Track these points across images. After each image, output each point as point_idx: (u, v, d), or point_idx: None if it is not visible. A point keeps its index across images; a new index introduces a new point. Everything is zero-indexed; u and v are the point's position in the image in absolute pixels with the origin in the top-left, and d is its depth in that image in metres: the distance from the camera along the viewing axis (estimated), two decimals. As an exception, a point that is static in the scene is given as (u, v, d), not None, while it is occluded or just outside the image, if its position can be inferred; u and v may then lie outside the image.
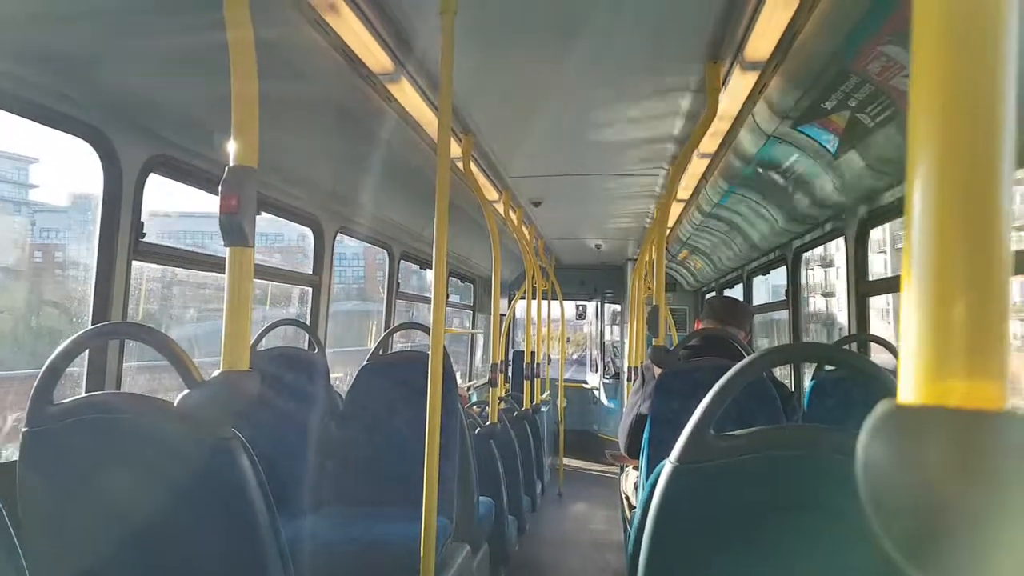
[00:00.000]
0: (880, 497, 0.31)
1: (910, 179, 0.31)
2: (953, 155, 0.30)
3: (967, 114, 0.29)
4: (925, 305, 0.29)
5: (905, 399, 0.30)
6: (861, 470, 0.32)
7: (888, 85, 1.73)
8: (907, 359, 0.30)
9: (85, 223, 2.03)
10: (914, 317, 0.30)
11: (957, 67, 0.30)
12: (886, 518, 0.31)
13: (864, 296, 2.70)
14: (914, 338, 0.30)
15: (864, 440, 0.32)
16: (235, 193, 1.03)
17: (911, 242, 0.30)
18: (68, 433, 1.11)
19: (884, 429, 0.31)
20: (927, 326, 0.29)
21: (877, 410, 0.32)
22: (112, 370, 1.94)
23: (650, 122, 2.89)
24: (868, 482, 0.32)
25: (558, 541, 4.46)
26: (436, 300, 1.75)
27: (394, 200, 3.42)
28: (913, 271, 0.30)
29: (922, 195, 0.30)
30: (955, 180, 0.29)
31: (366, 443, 2.49)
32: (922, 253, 0.30)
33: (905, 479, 0.29)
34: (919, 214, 0.30)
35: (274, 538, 1.09)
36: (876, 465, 0.31)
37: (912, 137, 0.31)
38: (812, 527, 0.91)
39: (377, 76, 2.35)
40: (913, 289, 0.30)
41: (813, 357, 1.00)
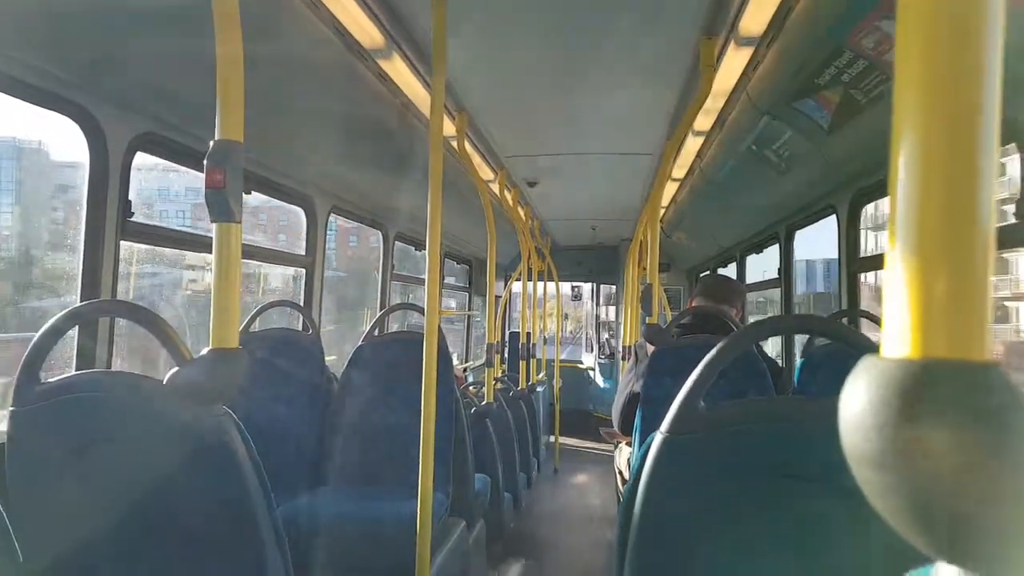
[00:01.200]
0: (861, 448, 0.31)
1: (896, 138, 0.31)
2: (938, 121, 0.30)
3: (951, 85, 0.29)
4: (909, 264, 0.30)
5: (888, 354, 0.30)
6: (842, 423, 0.32)
7: (882, 60, 1.72)
8: (890, 316, 0.30)
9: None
10: (898, 275, 0.30)
11: (941, 41, 0.30)
12: (865, 468, 0.31)
13: (855, 273, 2.71)
14: (897, 295, 0.30)
15: (846, 394, 0.32)
16: (221, 167, 1.02)
17: (896, 202, 0.30)
18: (56, 412, 1.10)
19: (865, 381, 0.31)
20: (911, 283, 0.29)
21: (860, 365, 0.32)
22: (102, 349, 1.94)
23: (645, 100, 2.87)
24: (849, 434, 0.32)
25: (554, 517, 4.51)
26: (430, 280, 1.75)
27: (388, 180, 3.40)
28: (898, 231, 0.30)
29: (907, 153, 0.30)
30: (939, 140, 0.30)
31: (362, 422, 2.50)
32: (907, 213, 0.30)
33: (886, 430, 0.30)
34: (903, 174, 0.30)
35: (268, 514, 1.09)
36: (858, 417, 0.31)
37: (898, 104, 0.31)
38: (801, 496, 0.92)
39: (369, 52, 2.32)
40: (898, 249, 0.30)
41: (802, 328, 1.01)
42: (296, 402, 2.59)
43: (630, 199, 5.08)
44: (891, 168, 0.31)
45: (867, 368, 0.31)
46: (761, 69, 2.25)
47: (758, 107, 2.40)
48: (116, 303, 1.17)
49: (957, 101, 0.29)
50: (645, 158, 3.84)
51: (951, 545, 0.30)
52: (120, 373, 1.12)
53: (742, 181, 3.36)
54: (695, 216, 4.71)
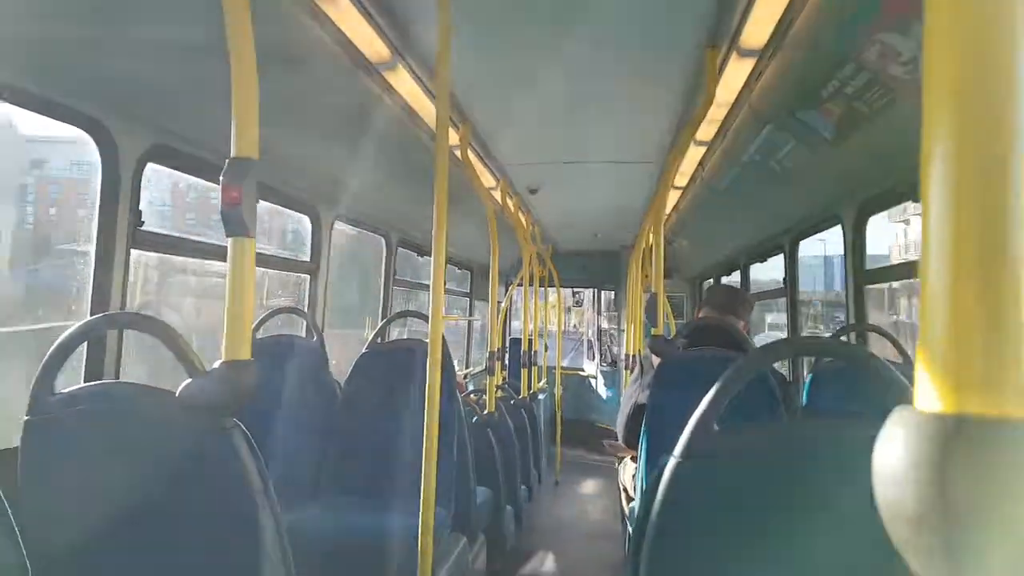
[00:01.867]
0: (896, 505, 0.30)
1: (924, 188, 0.30)
2: (969, 164, 0.29)
3: (983, 102, 0.29)
4: (944, 311, 0.29)
5: (923, 407, 0.30)
6: (877, 477, 0.32)
7: (885, 72, 1.73)
8: (925, 366, 0.30)
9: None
10: (933, 323, 0.29)
11: (972, 47, 0.29)
12: (901, 526, 0.30)
13: (862, 285, 2.71)
14: (932, 344, 0.29)
15: (881, 446, 0.32)
16: (236, 184, 1.04)
17: (928, 248, 0.30)
18: (69, 422, 1.11)
19: (901, 436, 0.31)
20: (946, 333, 0.29)
21: (894, 416, 0.31)
22: (111, 359, 1.94)
23: (647, 109, 2.88)
24: (884, 489, 0.31)
25: (555, 531, 4.47)
26: (435, 288, 1.75)
27: (391, 188, 3.42)
28: (931, 278, 0.30)
29: (938, 197, 0.30)
30: (970, 188, 0.29)
31: (364, 431, 2.50)
32: (940, 260, 0.29)
33: (923, 488, 0.29)
34: (935, 220, 0.30)
35: (275, 528, 1.10)
36: (892, 472, 0.31)
37: (926, 137, 0.30)
38: (817, 522, 0.91)
39: (374, 65, 2.34)
40: (931, 295, 0.30)
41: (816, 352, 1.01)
42: (300, 410, 2.59)
43: (632, 206, 5.08)
44: (923, 200, 0.30)
45: (902, 422, 0.31)
46: (764, 80, 2.26)
47: (761, 118, 2.41)
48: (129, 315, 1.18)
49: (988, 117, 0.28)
50: (647, 167, 3.85)
51: None
52: (134, 384, 1.12)
53: (745, 190, 3.37)
54: (698, 224, 4.72)
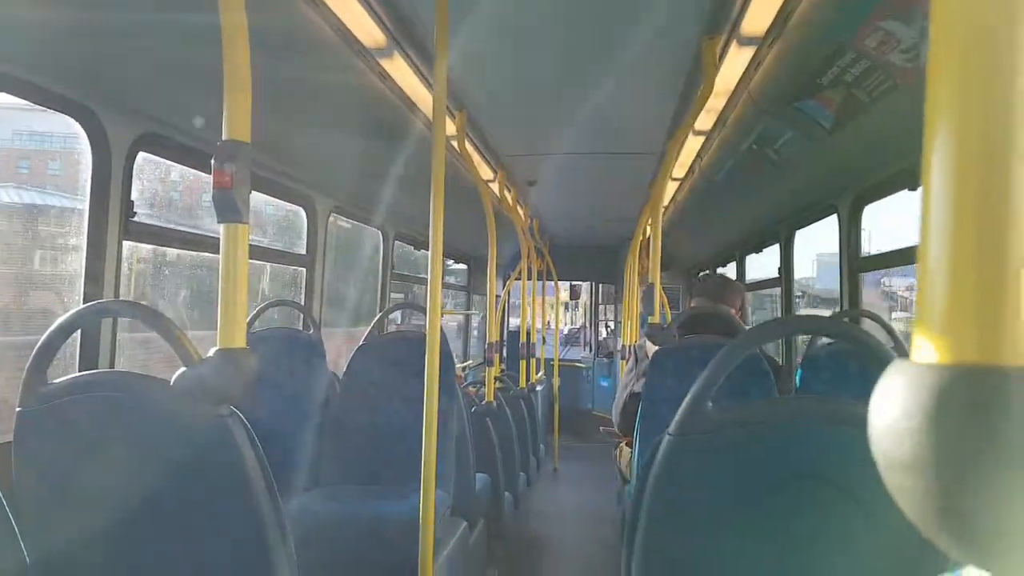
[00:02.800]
0: (892, 453, 0.31)
1: (929, 136, 0.30)
2: (973, 119, 0.29)
3: (988, 79, 0.29)
4: (942, 266, 0.29)
5: (919, 359, 0.30)
6: (873, 428, 0.32)
7: (885, 60, 1.72)
8: (921, 318, 0.30)
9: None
10: (931, 277, 0.30)
11: (977, 35, 0.29)
12: (897, 474, 0.31)
13: (857, 272, 2.71)
14: (929, 298, 0.30)
15: (877, 398, 0.32)
16: (228, 168, 1.02)
17: (929, 203, 0.30)
18: (63, 412, 1.10)
19: (897, 386, 0.31)
20: (944, 286, 0.29)
21: (890, 369, 0.32)
22: (105, 349, 1.93)
23: (646, 100, 2.87)
24: (880, 439, 0.31)
25: (553, 516, 4.51)
26: (432, 280, 1.75)
27: (388, 180, 3.40)
28: (931, 233, 0.30)
29: (941, 152, 0.30)
30: (974, 137, 0.29)
31: (364, 422, 2.50)
32: (940, 215, 0.29)
33: (919, 436, 0.29)
34: (936, 174, 0.30)
35: (275, 515, 1.09)
36: (888, 422, 0.31)
37: (930, 101, 0.30)
38: (810, 497, 0.92)
39: (370, 52, 2.31)
40: (930, 251, 0.30)
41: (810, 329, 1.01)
42: (298, 401, 2.59)
43: (630, 199, 5.08)
44: (924, 167, 0.30)
45: (899, 373, 0.31)
46: (763, 69, 2.25)
47: (760, 106, 2.40)
48: (123, 303, 1.17)
49: (993, 94, 0.28)
50: (646, 158, 3.84)
51: (984, 551, 0.30)
52: (127, 373, 1.11)
53: (743, 181, 3.36)
54: (695, 215, 4.72)
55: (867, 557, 0.90)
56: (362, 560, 2.01)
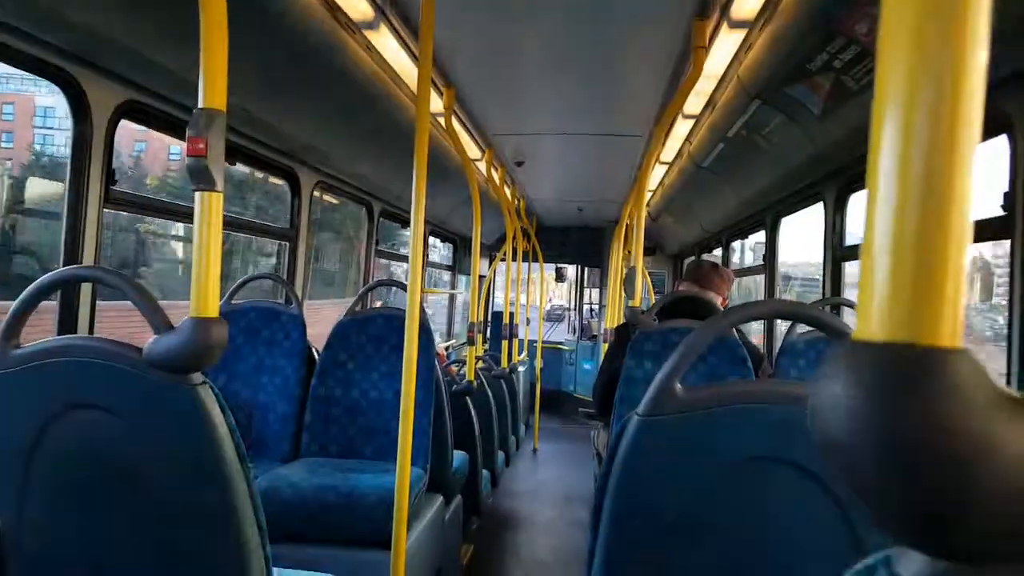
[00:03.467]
0: (832, 432, 0.31)
1: (876, 122, 0.30)
2: (919, 107, 0.29)
3: (935, 71, 0.29)
4: (885, 248, 0.30)
5: (861, 336, 0.30)
6: (813, 408, 0.32)
7: (875, 46, 1.72)
8: (864, 299, 0.30)
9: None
10: (873, 258, 0.30)
11: (927, 25, 0.29)
12: (838, 452, 0.31)
13: (840, 261, 2.73)
14: (872, 278, 0.30)
15: (819, 378, 0.32)
16: (203, 136, 1.00)
17: (875, 186, 0.30)
18: (31, 377, 1.08)
19: (836, 364, 0.31)
20: (885, 267, 0.29)
21: (832, 349, 0.32)
22: (84, 316, 1.91)
23: (636, 81, 2.85)
24: (821, 418, 0.32)
25: (531, 495, 4.55)
26: (413, 256, 1.75)
27: (374, 155, 3.36)
28: (877, 215, 0.30)
29: (889, 137, 0.30)
30: (920, 126, 0.29)
31: (343, 396, 2.50)
32: (885, 198, 0.30)
33: (853, 413, 0.30)
34: (884, 157, 0.30)
35: (246, 485, 1.09)
36: (828, 400, 0.31)
37: (880, 85, 0.31)
38: (777, 480, 0.92)
39: (356, 24, 2.28)
40: (875, 233, 0.30)
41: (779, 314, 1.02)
42: (277, 374, 2.58)
43: (617, 181, 5.07)
44: (871, 150, 0.30)
45: (840, 351, 0.31)
46: (753, 52, 2.24)
47: (749, 91, 2.40)
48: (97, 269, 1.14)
49: (940, 86, 0.29)
50: (634, 140, 3.83)
51: (915, 529, 0.30)
52: (98, 339, 1.09)
53: (730, 166, 3.36)
54: (682, 200, 4.72)
55: (831, 540, 0.92)
56: (337, 532, 2.03)
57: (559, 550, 3.51)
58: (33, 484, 1.12)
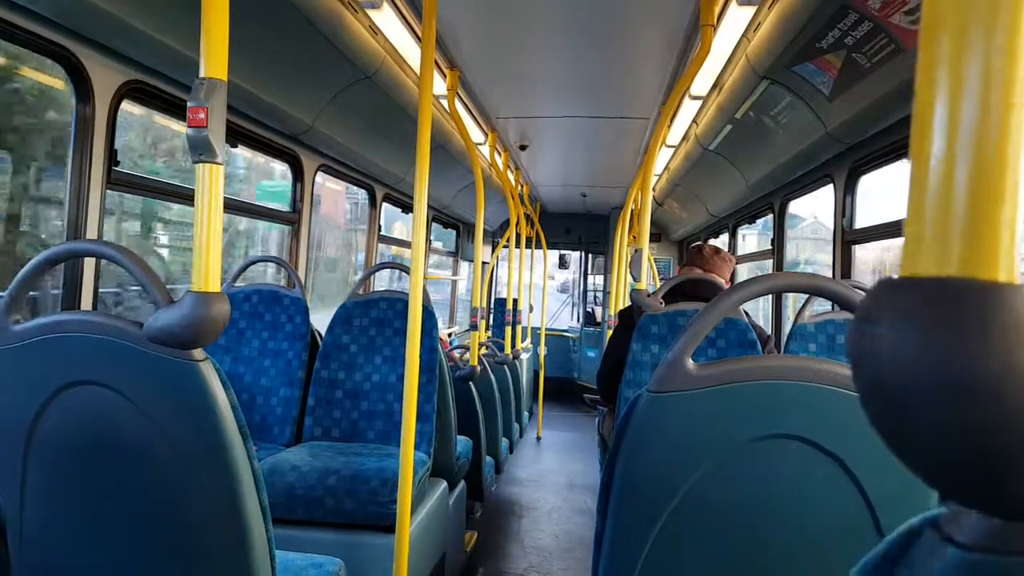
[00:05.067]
0: (874, 378, 0.29)
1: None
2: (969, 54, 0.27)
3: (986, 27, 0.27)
4: (932, 180, 0.28)
5: (907, 271, 0.29)
6: (852, 352, 0.30)
7: (888, 22, 1.68)
8: (912, 231, 0.29)
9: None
10: (919, 190, 0.28)
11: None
12: (881, 400, 0.29)
13: (850, 244, 2.70)
14: (917, 210, 0.28)
15: (856, 320, 0.30)
16: (203, 106, 0.97)
17: (920, 115, 0.28)
18: (32, 352, 1.07)
19: (879, 304, 0.29)
20: (932, 198, 0.28)
21: (875, 286, 0.30)
22: (88, 292, 1.90)
23: (642, 61, 2.81)
24: (861, 364, 0.30)
25: (535, 481, 4.55)
26: (416, 240, 1.73)
27: (377, 138, 3.33)
28: (921, 145, 0.28)
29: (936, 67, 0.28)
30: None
31: (345, 379, 2.49)
32: (939, 119, 0.28)
33: (901, 354, 0.28)
34: (936, 67, 0.28)
35: (247, 462, 1.07)
36: (869, 343, 0.29)
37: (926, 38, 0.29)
38: (791, 457, 0.90)
39: (359, 2, 2.24)
40: (921, 163, 0.28)
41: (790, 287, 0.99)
42: (280, 357, 2.58)
43: (622, 165, 5.03)
44: (920, 66, 0.28)
45: (884, 289, 0.29)
46: (762, 31, 2.20)
47: (757, 71, 2.36)
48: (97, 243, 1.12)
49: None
50: (639, 123, 3.78)
51: (972, 481, 0.28)
52: (99, 314, 1.07)
53: (738, 148, 3.32)
54: (688, 185, 4.68)
55: (844, 513, 0.90)
56: (340, 516, 2.02)
57: (563, 537, 3.50)
58: (34, 461, 1.11)
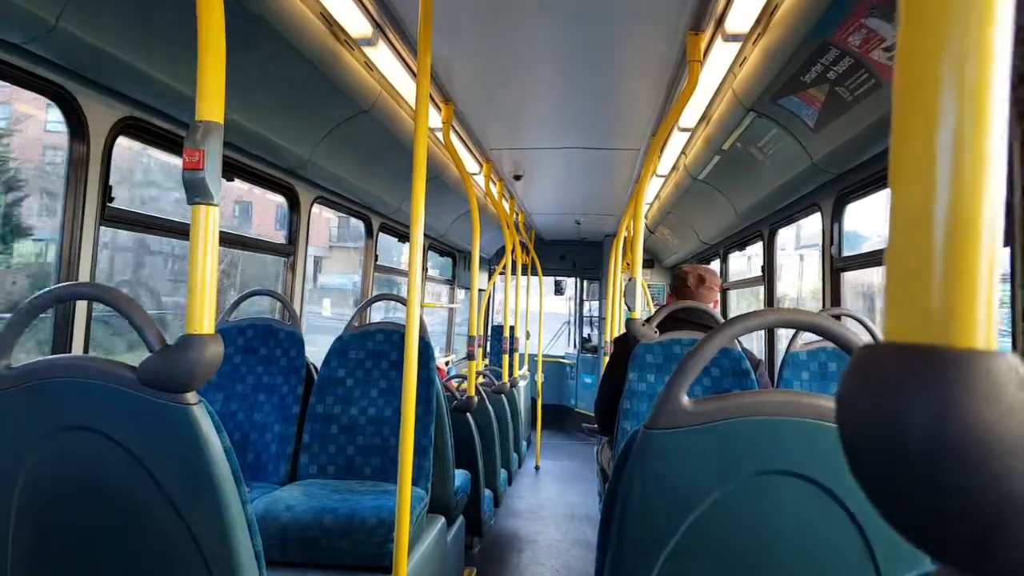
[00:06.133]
0: (859, 441, 0.30)
1: (899, 115, 0.30)
2: (944, 101, 0.28)
3: (958, 64, 0.28)
4: (913, 247, 0.28)
5: (889, 338, 0.29)
6: (840, 409, 0.31)
7: (868, 58, 1.73)
8: (892, 299, 0.29)
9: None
10: (901, 258, 0.29)
11: (950, 16, 0.28)
12: (864, 458, 0.30)
13: (839, 271, 2.73)
14: (900, 279, 0.29)
15: (846, 378, 0.31)
16: (199, 148, 1.00)
17: (899, 183, 0.29)
18: (26, 397, 1.07)
19: (860, 367, 0.30)
20: (914, 266, 0.28)
21: (860, 350, 0.31)
22: (79, 334, 1.90)
23: (632, 94, 2.87)
24: (847, 426, 0.31)
25: (534, 514, 4.50)
26: (412, 269, 1.74)
27: (373, 170, 3.37)
28: (901, 213, 0.29)
29: (910, 131, 0.29)
30: (945, 116, 0.28)
31: (341, 414, 2.48)
32: (909, 195, 0.29)
33: (884, 420, 0.28)
34: (908, 154, 0.29)
35: (241, 507, 1.07)
36: (854, 408, 0.30)
37: (900, 79, 0.30)
38: (790, 494, 0.91)
39: (355, 40, 2.29)
40: (901, 232, 0.29)
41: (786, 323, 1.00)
42: (275, 392, 2.56)
43: (614, 194, 5.09)
44: (893, 146, 0.29)
45: (868, 355, 0.30)
46: (747, 65, 2.25)
47: (744, 104, 2.41)
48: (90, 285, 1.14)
49: (964, 80, 0.28)
50: (630, 153, 3.84)
51: (956, 545, 0.28)
52: (92, 358, 1.08)
53: (727, 178, 3.37)
54: (679, 213, 4.73)
55: (841, 552, 0.90)
56: (336, 557, 1.99)
57: (563, 572, 3.46)
58: (22, 506, 1.10)
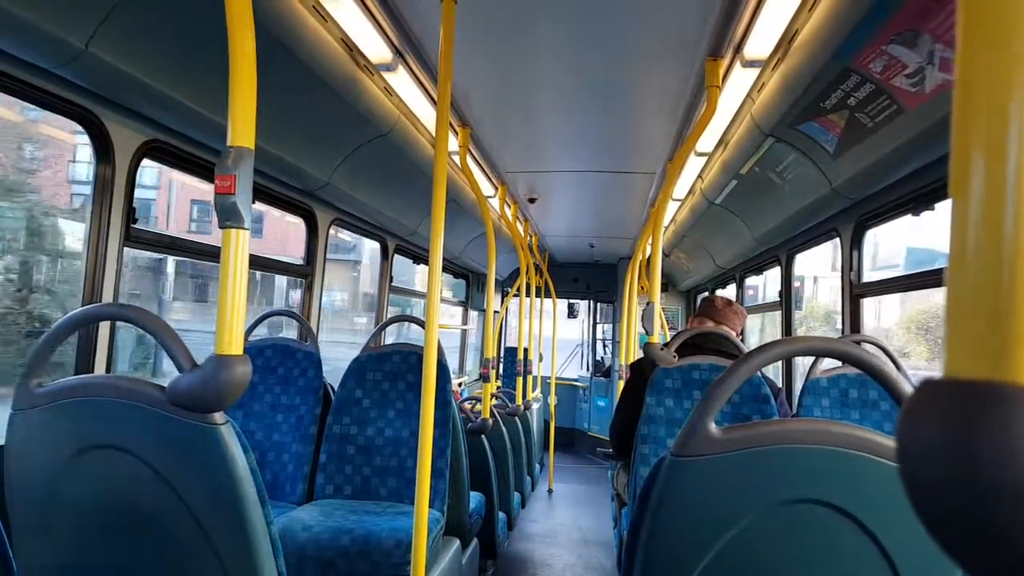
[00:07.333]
0: (921, 477, 0.29)
1: (960, 135, 0.29)
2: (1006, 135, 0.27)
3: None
4: (977, 279, 0.28)
5: (952, 374, 0.29)
6: (901, 449, 0.31)
7: (890, 84, 1.73)
8: (954, 334, 0.29)
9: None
10: (963, 291, 0.29)
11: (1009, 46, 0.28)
12: (928, 497, 0.29)
13: (858, 297, 2.71)
14: (962, 313, 0.28)
15: (907, 417, 0.31)
16: (231, 174, 1.02)
17: (961, 215, 0.29)
18: (56, 416, 1.08)
19: (929, 404, 0.30)
20: (977, 298, 0.28)
21: (921, 386, 0.30)
22: (103, 352, 1.92)
23: (649, 119, 2.88)
24: (910, 460, 0.30)
25: (548, 538, 4.46)
26: (431, 293, 1.74)
27: (389, 193, 3.41)
28: (968, 245, 0.29)
29: (972, 165, 0.28)
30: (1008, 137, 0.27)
31: (358, 435, 2.48)
32: (974, 227, 0.28)
33: (953, 456, 0.28)
34: (973, 186, 0.28)
35: (265, 527, 1.07)
36: (919, 442, 0.30)
37: (959, 117, 0.29)
38: (818, 523, 0.90)
39: (375, 66, 2.33)
40: (963, 266, 0.29)
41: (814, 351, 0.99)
42: (293, 412, 2.57)
43: (629, 217, 5.09)
44: (953, 176, 0.29)
45: (930, 390, 0.30)
46: (766, 91, 2.26)
47: (762, 129, 2.41)
48: (121, 307, 1.15)
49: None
50: (646, 177, 3.85)
51: None
52: (121, 377, 1.09)
53: (744, 202, 3.37)
54: (695, 236, 4.72)
55: None
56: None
57: None
58: (52, 524, 1.11)
